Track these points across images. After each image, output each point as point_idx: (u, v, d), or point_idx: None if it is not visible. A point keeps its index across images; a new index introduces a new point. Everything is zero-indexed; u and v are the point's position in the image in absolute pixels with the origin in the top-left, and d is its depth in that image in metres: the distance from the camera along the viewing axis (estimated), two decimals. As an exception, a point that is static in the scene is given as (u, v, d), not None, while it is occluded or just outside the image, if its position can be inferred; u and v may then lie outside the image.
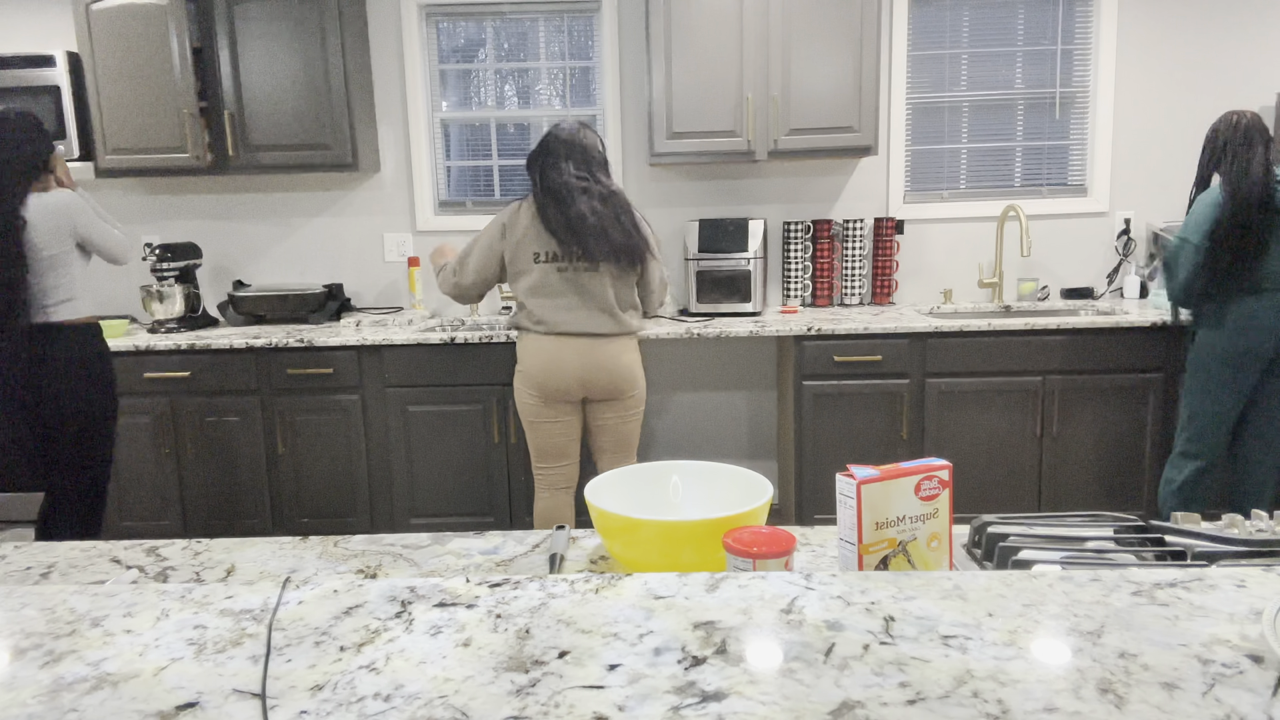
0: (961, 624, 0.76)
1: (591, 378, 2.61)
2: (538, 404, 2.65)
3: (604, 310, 2.60)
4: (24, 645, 0.77)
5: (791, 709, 0.64)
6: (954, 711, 0.64)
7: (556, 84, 3.80)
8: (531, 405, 2.66)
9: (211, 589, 0.87)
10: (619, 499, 1.20)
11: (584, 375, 2.60)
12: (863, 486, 0.99)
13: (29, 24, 3.73)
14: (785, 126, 3.36)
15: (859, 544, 1.00)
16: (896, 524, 1.02)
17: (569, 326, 2.58)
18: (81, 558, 1.21)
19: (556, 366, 2.59)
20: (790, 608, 0.80)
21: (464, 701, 0.66)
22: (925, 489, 1.02)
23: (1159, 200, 3.72)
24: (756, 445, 3.91)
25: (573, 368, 2.59)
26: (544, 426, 2.67)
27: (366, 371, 3.27)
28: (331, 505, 3.36)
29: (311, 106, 3.43)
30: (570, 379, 2.60)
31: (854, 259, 3.71)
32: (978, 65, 3.71)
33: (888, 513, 1.01)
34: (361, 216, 3.84)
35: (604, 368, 2.61)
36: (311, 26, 3.38)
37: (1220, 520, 1.16)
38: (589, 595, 0.84)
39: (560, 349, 2.58)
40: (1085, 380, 3.19)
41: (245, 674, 0.72)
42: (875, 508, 1.00)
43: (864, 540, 1.00)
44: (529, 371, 2.62)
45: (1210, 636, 0.73)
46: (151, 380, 3.28)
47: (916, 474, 1.02)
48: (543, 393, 2.63)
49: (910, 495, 1.02)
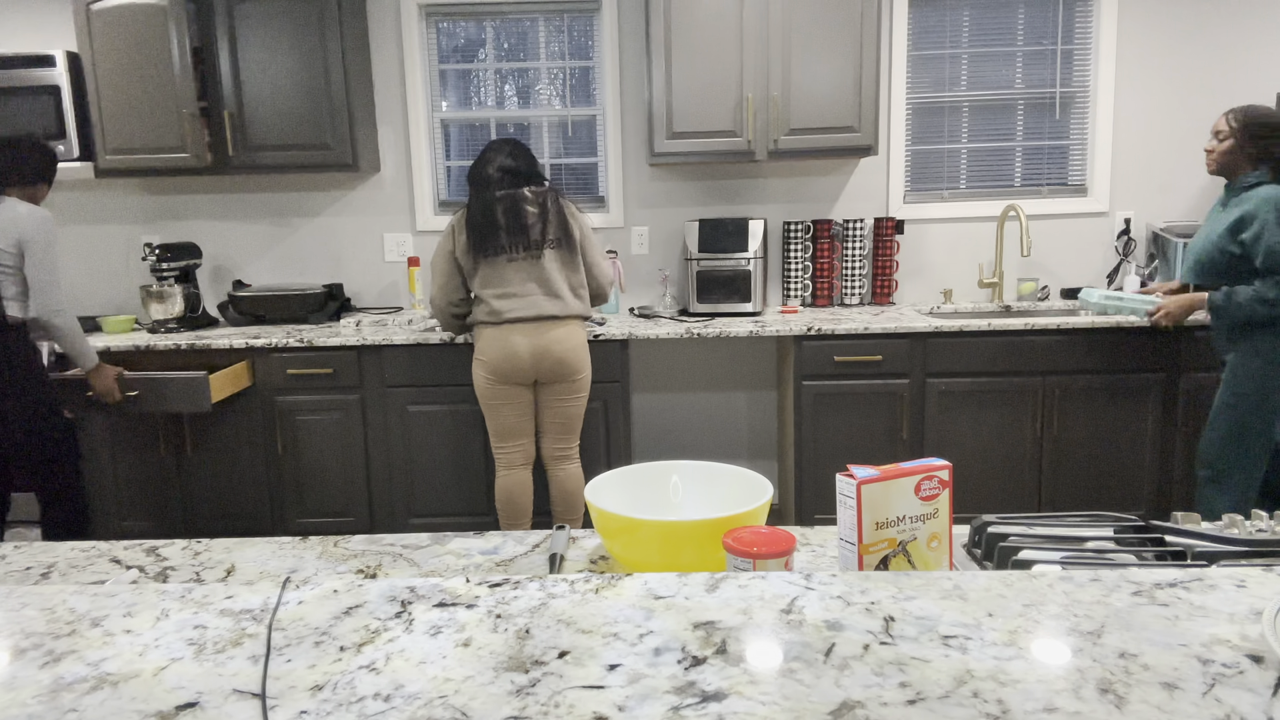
0: (961, 624, 0.76)
1: (541, 360, 2.79)
2: (493, 386, 2.83)
3: (551, 295, 2.79)
4: (24, 645, 0.77)
5: (791, 709, 0.64)
6: (954, 711, 0.64)
7: (556, 84, 3.80)
8: (488, 388, 2.83)
9: (211, 589, 0.87)
10: (619, 499, 1.20)
11: (535, 357, 2.78)
12: (863, 487, 0.99)
13: (29, 24, 3.73)
14: (785, 126, 3.36)
15: (859, 544, 1.00)
16: (896, 524, 1.02)
17: (521, 312, 2.77)
18: (81, 558, 1.21)
19: (511, 350, 2.77)
20: (790, 608, 0.80)
21: (464, 701, 0.66)
22: (925, 489, 1.02)
23: (1159, 200, 3.72)
24: (756, 445, 3.91)
25: (525, 351, 2.77)
26: (501, 408, 2.85)
27: (366, 371, 3.27)
28: (331, 505, 3.36)
29: (311, 106, 3.43)
30: (523, 361, 2.78)
31: (854, 259, 3.71)
32: (978, 65, 3.71)
33: (888, 513, 1.01)
34: (361, 216, 3.84)
35: (552, 352, 2.79)
36: (311, 27, 3.38)
37: (1220, 520, 1.16)
38: (589, 595, 0.84)
39: (512, 334, 2.77)
40: (1085, 380, 3.19)
41: (245, 674, 0.72)
42: (875, 508, 1.00)
43: (864, 540, 1.00)
44: (486, 358, 2.80)
45: (1210, 636, 0.73)
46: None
47: (917, 474, 1.02)
48: (498, 375, 2.80)
49: (910, 495, 1.01)
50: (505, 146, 2.84)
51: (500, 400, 2.83)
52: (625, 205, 3.79)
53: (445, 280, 2.86)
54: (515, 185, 2.79)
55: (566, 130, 3.83)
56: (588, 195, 3.85)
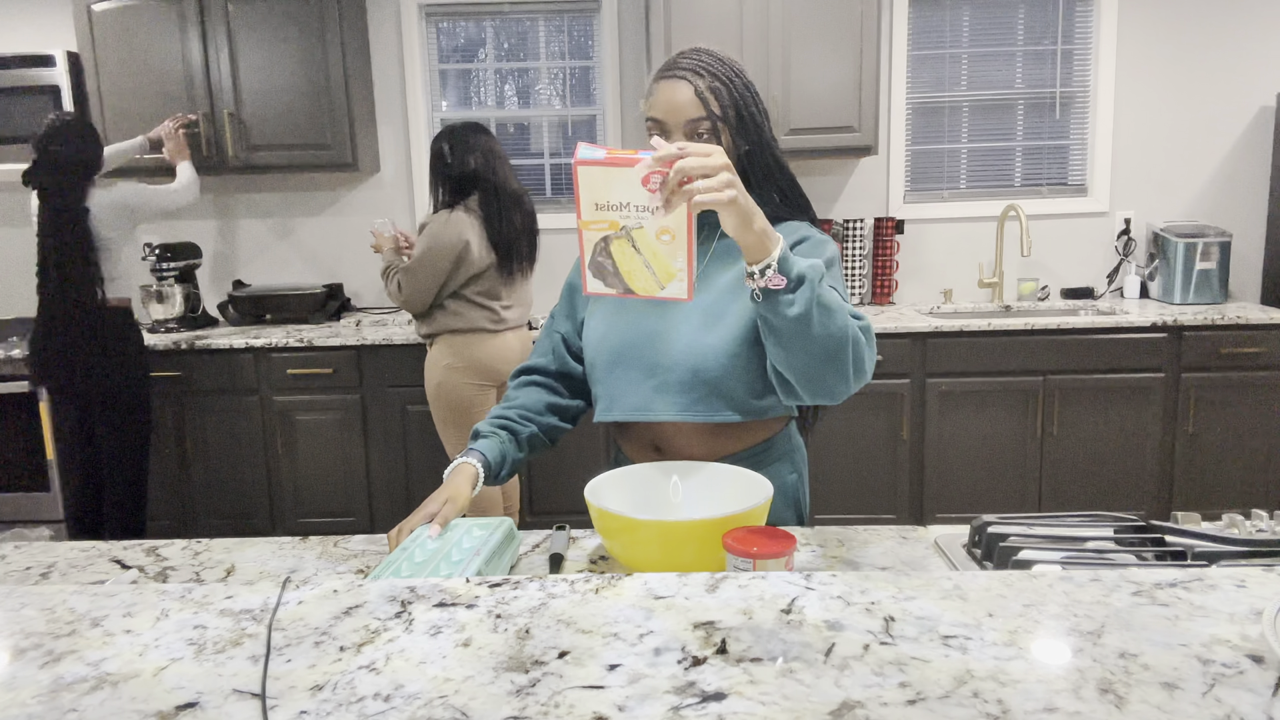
0: (961, 624, 0.76)
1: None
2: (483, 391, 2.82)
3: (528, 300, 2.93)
4: (24, 645, 0.77)
5: (791, 709, 0.64)
6: (954, 711, 0.64)
7: (556, 84, 3.80)
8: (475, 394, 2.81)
9: (211, 589, 0.87)
10: (619, 499, 1.20)
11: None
12: (580, 168, 0.98)
13: (29, 24, 3.73)
14: (785, 126, 3.36)
15: (578, 220, 1.00)
16: (620, 209, 1.00)
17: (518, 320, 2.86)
18: (81, 558, 1.21)
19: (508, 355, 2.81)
20: (790, 608, 0.80)
21: (464, 701, 0.66)
22: (655, 181, 0.98)
23: (1159, 200, 3.72)
24: (756, 445, 3.91)
25: (519, 354, 2.86)
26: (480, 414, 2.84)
27: (366, 371, 3.27)
28: (331, 505, 3.36)
29: (311, 106, 3.42)
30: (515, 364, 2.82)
31: (854, 259, 3.71)
32: (978, 65, 3.71)
33: (609, 196, 0.99)
34: (361, 216, 3.84)
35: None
36: (311, 26, 3.38)
37: (1220, 520, 1.16)
38: (589, 595, 0.84)
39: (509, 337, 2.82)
40: (1085, 380, 3.19)
41: (245, 674, 0.72)
42: (594, 189, 0.99)
43: (583, 218, 1.00)
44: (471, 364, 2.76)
45: (1210, 636, 0.73)
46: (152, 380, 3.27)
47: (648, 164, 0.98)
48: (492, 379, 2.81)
49: (637, 185, 0.98)
50: (495, 145, 2.75)
51: (481, 407, 2.81)
52: (625, 205, 3.79)
53: (436, 284, 2.70)
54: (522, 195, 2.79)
55: (566, 130, 3.83)
56: (588, 195, 3.84)
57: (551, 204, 3.84)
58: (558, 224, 3.79)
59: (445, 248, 2.65)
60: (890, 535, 1.22)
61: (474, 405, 2.79)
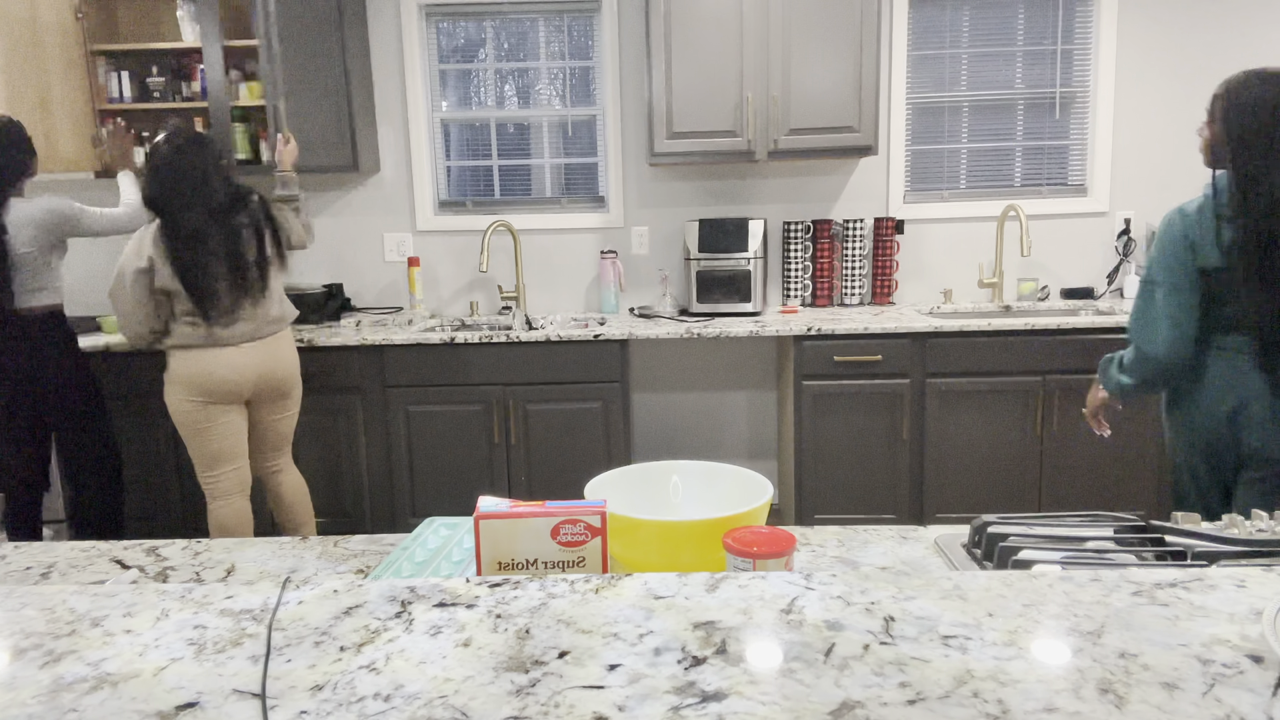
0: (961, 624, 0.76)
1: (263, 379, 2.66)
2: (197, 407, 2.59)
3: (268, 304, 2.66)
4: (24, 645, 0.77)
5: (791, 709, 0.64)
6: (954, 711, 0.64)
7: (556, 84, 3.80)
8: (190, 410, 2.59)
9: (211, 589, 0.87)
10: (619, 499, 1.20)
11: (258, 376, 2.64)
12: (481, 521, 0.92)
13: None
14: (785, 126, 3.36)
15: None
16: (527, 567, 0.94)
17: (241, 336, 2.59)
18: (81, 558, 1.21)
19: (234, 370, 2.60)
20: (790, 608, 0.80)
21: (464, 701, 0.66)
22: (567, 533, 0.93)
23: (1159, 200, 3.72)
24: (756, 445, 3.91)
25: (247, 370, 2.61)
26: (213, 429, 2.62)
27: (366, 371, 3.27)
28: (331, 505, 3.36)
29: (311, 106, 3.42)
30: (244, 381, 2.62)
31: (854, 259, 3.71)
32: (978, 65, 3.71)
33: (514, 553, 0.94)
34: (361, 216, 3.84)
35: (275, 372, 2.68)
36: (311, 27, 3.38)
37: (1220, 520, 1.16)
38: (589, 595, 0.84)
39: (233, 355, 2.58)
40: (1085, 380, 3.18)
41: (245, 674, 0.72)
42: (497, 544, 0.93)
43: (484, 575, 0.94)
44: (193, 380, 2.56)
45: (1210, 636, 0.73)
46: (152, 380, 3.28)
47: (557, 515, 0.93)
48: (212, 397, 2.59)
49: (546, 538, 0.93)
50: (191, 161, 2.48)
51: (207, 424, 2.61)
52: (625, 205, 3.79)
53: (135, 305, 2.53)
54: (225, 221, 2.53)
55: (566, 130, 3.83)
56: (588, 195, 3.85)
57: (552, 204, 3.84)
58: (558, 224, 3.79)
59: (126, 272, 2.51)
60: (890, 535, 1.22)
61: (199, 422, 2.59)
